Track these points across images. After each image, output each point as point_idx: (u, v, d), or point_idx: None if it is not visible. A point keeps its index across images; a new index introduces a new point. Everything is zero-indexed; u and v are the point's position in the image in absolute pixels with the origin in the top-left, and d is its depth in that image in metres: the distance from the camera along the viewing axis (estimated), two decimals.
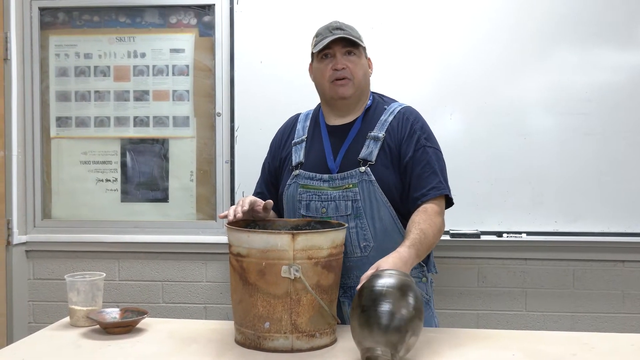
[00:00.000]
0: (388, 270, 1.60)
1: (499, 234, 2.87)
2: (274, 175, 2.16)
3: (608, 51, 2.83)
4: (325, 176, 1.99)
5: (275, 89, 2.93)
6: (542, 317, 2.93)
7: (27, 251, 3.12)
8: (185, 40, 3.07)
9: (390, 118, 2.02)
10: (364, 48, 2.05)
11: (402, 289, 1.53)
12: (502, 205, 2.86)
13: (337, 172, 1.98)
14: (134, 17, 3.08)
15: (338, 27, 2.00)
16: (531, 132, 2.85)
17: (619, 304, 2.91)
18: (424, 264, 2.04)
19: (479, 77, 2.86)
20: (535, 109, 2.86)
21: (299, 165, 2.05)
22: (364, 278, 1.62)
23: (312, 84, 2.12)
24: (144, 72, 3.09)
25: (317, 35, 2.04)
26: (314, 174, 2.01)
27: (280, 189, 2.10)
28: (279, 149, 2.16)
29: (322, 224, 1.88)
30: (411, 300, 1.53)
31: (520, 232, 2.86)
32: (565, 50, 2.84)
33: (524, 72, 2.86)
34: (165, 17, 3.07)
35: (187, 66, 3.07)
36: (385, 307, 1.50)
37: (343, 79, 1.98)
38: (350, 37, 1.98)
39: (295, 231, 1.67)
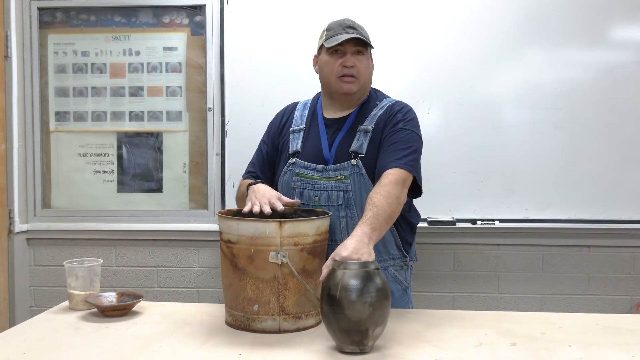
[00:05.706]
0: (343, 264, 1.50)
1: (474, 221, 2.88)
2: (271, 157, 2.11)
3: (576, 50, 2.85)
4: (319, 166, 1.98)
5: (263, 85, 2.91)
6: (513, 298, 2.96)
7: (28, 239, 3.10)
8: (178, 39, 3.04)
9: (381, 112, 2.01)
10: (372, 49, 2.03)
11: (356, 284, 1.45)
12: (477, 194, 2.87)
13: (332, 164, 1.97)
14: (129, 16, 3.06)
15: (351, 25, 1.97)
16: (504, 125, 2.86)
17: (584, 286, 2.93)
18: (406, 253, 2.03)
19: (455, 73, 2.86)
20: (509, 103, 2.87)
21: (296, 153, 2.03)
22: (325, 268, 1.55)
23: (299, 80, 2.12)
24: (138, 69, 3.06)
25: (328, 29, 2.00)
26: (308, 163, 2.00)
27: (277, 175, 2.08)
28: (277, 135, 2.12)
29: (308, 213, 1.87)
30: (368, 294, 1.45)
31: (493, 220, 2.87)
32: (536, 49, 2.84)
33: (497, 69, 2.86)
34: (158, 17, 3.04)
35: (180, 63, 3.05)
36: (341, 314, 1.45)
37: (350, 76, 1.96)
38: (363, 38, 1.96)
39: (282, 219, 1.67)
